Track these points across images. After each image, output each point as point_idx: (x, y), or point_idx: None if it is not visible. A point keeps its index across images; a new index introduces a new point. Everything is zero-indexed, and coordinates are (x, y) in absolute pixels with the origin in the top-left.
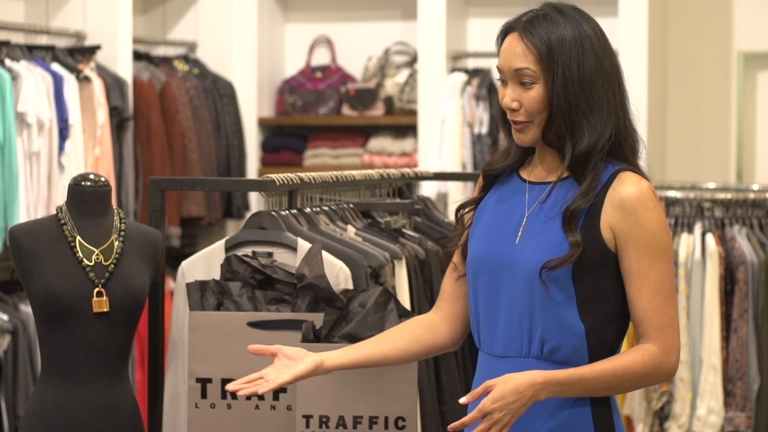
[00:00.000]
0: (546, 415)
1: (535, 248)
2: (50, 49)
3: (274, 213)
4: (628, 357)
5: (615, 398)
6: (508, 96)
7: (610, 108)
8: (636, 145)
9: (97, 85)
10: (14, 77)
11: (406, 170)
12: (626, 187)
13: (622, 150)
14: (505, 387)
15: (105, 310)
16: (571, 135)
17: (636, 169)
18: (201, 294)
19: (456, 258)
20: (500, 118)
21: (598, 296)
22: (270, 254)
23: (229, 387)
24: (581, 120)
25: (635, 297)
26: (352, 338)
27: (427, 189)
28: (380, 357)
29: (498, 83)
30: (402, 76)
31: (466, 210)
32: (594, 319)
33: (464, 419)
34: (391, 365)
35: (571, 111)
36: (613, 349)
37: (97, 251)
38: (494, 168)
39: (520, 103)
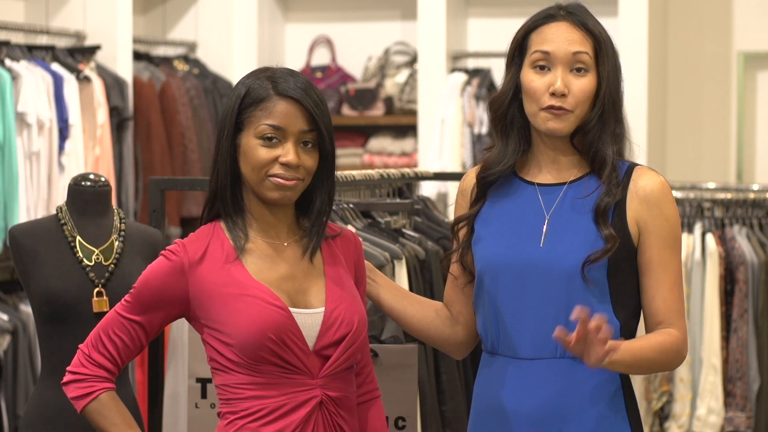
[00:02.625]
0: (586, 406)
1: (567, 249)
2: (50, 49)
3: None
4: (659, 335)
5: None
6: (561, 80)
7: (623, 107)
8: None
9: (97, 85)
10: (14, 77)
11: (406, 170)
12: (648, 181)
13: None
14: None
15: (105, 310)
16: (603, 129)
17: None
18: None
19: (455, 270)
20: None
21: (628, 292)
22: None
23: None
24: (614, 115)
25: (655, 288)
26: None
27: (427, 189)
28: (401, 316)
29: (530, 73)
30: (402, 76)
31: (462, 225)
32: (626, 315)
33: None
34: (401, 326)
35: (611, 104)
36: None
37: (97, 251)
38: (491, 174)
39: (570, 89)
